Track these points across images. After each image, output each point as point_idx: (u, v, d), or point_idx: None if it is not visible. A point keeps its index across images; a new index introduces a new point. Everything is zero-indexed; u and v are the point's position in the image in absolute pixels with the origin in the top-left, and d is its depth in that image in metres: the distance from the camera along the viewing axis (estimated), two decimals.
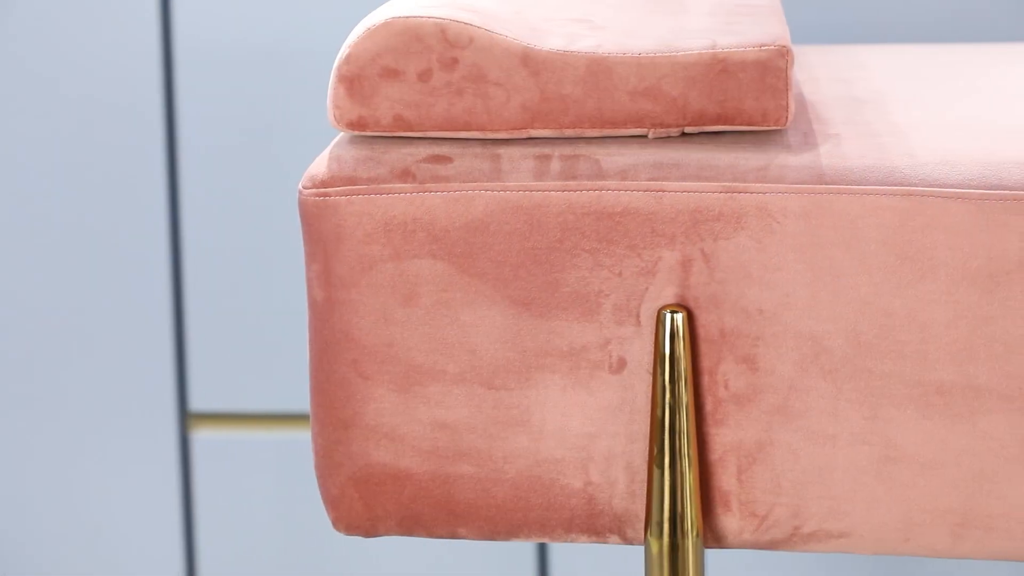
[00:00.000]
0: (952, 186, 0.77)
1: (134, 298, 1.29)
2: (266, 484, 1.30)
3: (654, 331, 0.79)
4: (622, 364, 0.79)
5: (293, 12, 1.26)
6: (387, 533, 0.83)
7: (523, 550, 1.29)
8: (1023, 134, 0.80)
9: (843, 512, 0.79)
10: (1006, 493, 0.77)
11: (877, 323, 0.77)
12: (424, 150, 0.80)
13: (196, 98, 1.27)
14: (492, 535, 0.82)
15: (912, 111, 0.85)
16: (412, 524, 0.82)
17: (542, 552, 1.29)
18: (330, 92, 0.79)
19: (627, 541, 0.81)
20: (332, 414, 0.82)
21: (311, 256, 0.81)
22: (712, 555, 1.27)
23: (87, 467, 1.31)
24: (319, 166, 0.81)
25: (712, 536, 0.80)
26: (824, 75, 0.94)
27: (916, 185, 0.77)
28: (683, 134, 0.79)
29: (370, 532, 0.83)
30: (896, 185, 0.77)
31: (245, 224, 1.28)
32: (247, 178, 1.27)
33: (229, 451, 1.30)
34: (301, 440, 1.30)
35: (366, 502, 0.82)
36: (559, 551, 1.29)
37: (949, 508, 0.78)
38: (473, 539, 0.82)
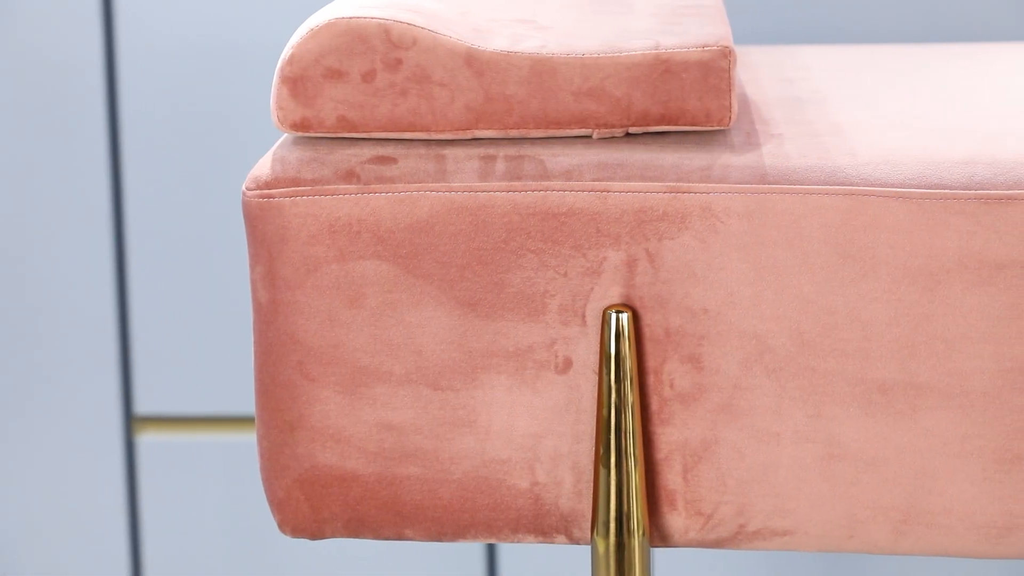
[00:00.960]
0: (893, 185, 0.77)
1: (78, 301, 1.28)
2: (212, 487, 1.30)
3: (600, 331, 0.79)
4: (568, 364, 0.79)
5: (237, 12, 1.25)
6: (333, 535, 0.82)
7: (472, 550, 1.29)
8: (963, 134, 0.81)
9: (787, 510, 0.79)
10: (947, 490, 0.78)
11: (820, 321, 0.78)
12: (368, 151, 0.80)
13: (139, 100, 1.26)
14: (439, 536, 0.82)
15: (854, 111, 0.85)
16: (358, 526, 0.82)
17: (491, 552, 1.29)
18: (273, 93, 0.79)
19: (574, 541, 0.81)
20: (277, 416, 0.81)
21: (255, 258, 0.80)
22: (661, 554, 1.28)
23: (32, 471, 1.29)
24: (263, 167, 0.80)
25: (658, 535, 0.81)
26: (767, 75, 0.94)
27: (858, 185, 0.77)
28: (627, 134, 0.80)
29: (316, 534, 0.82)
30: (838, 185, 0.77)
31: (189, 226, 1.27)
32: (191, 180, 1.26)
33: (175, 454, 1.29)
34: (247, 443, 1.29)
35: (312, 504, 0.81)
36: (508, 551, 1.29)
37: (892, 505, 0.79)
38: (420, 540, 0.82)
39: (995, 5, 1.22)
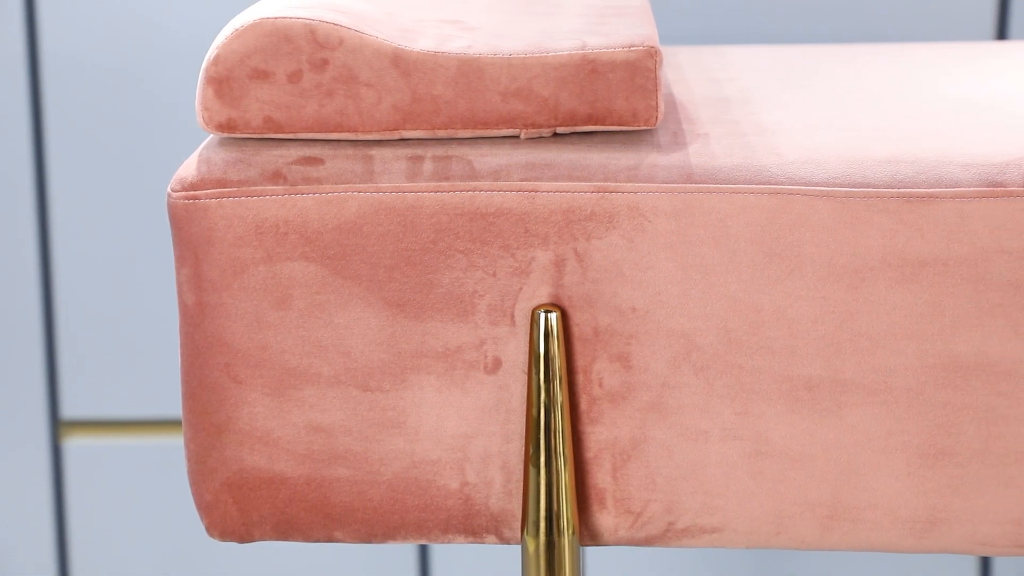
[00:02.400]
0: (818, 184, 0.78)
1: (2, 305, 1.26)
2: (140, 491, 1.29)
3: (529, 331, 0.79)
4: (497, 364, 0.79)
5: (162, 12, 1.24)
6: (262, 538, 0.82)
7: (405, 550, 1.29)
8: (886, 133, 0.82)
9: (716, 507, 0.80)
10: (872, 485, 0.79)
11: (746, 320, 0.78)
12: (295, 152, 0.79)
13: (64, 101, 1.24)
14: (369, 538, 0.82)
15: (779, 111, 0.86)
16: (287, 528, 0.81)
17: (423, 553, 1.29)
18: (198, 94, 0.78)
19: (504, 541, 0.81)
20: (205, 419, 0.81)
21: (181, 260, 0.80)
22: (594, 553, 1.28)
23: None
24: (188, 169, 0.80)
25: (588, 534, 0.81)
26: (694, 75, 0.95)
27: (783, 184, 0.78)
28: (555, 134, 0.80)
29: (245, 538, 0.82)
30: (764, 184, 0.78)
31: (115, 229, 1.26)
32: (117, 182, 1.25)
33: (102, 458, 1.28)
34: (174, 446, 1.28)
35: (240, 507, 0.81)
36: (441, 551, 1.29)
37: (818, 501, 0.79)
38: (349, 542, 0.82)
39: (917, 6, 1.23)
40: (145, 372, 1.27)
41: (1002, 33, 1.24)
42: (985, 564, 1.29)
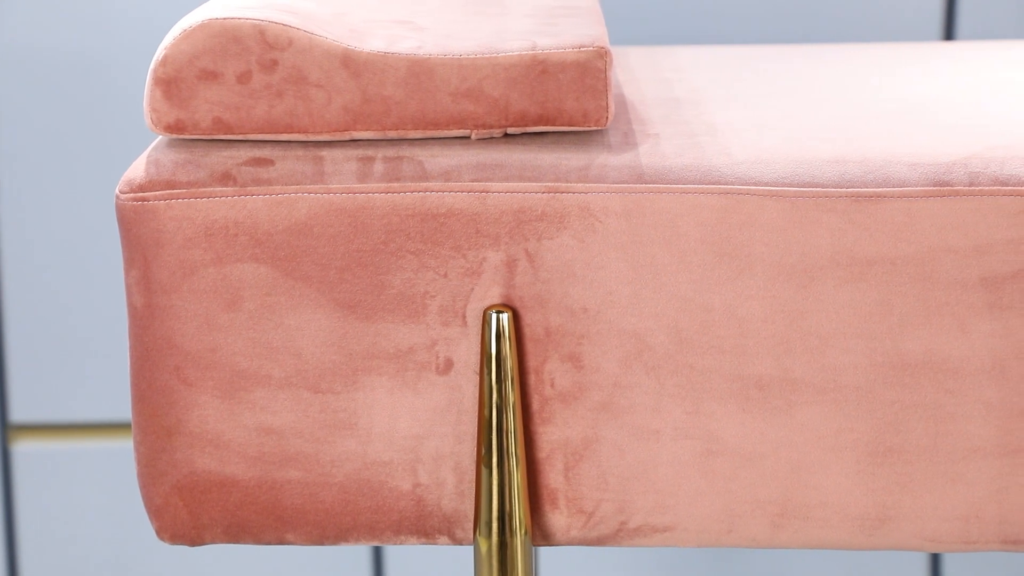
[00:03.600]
0: (767, 184, 0.78)
1: None
2: (89, 495, 1.28)
3: (480, 331, 0.79)
4: (449, 365, 0.79)
5: (110, 13, 1.23)
6: (213, 541, 0.81)
7: (358, 552, 1.29)
8: (835, 133, 0.82)
9: (667, 506, 0.80)
10: (822, 483, 0.80)
11: (697, 319, 0.79)
12: (245, 153, 0.79)
13: (11, 102, 1.23)
14: (321, 540, 0.81)
15: (729, 111, 0.86)
16: (239, 531, 0.81)
17: (377, 554, 1.29)
18: (147, 95, 0.78)
19: (456, 541, 0.81)
20: (155, 422, 0.80)
21: (130, 262, 0.79)
22: (549, 552, 1.28)
23: None
24: (136, 170, 0.79)
25: (540, 534, 0.81)
26: (644, 76, 0.95)
27: (733, 184, 0.78)
28: (505, 135, 0.80)
29: (196, 541, 0.81)
30: (713, 184, 0.78)
31: (63, 230, 1.25)
32: (65, 183, 1.24)
33: (51, 462, 1.27)
34: (124, 449, 1.27)
35: (191, 510, 0.81)
36: (394, 552, 1.28)
37: (769, 499, 0.80)
38: (301, 544, 0.81)
39: (866, 7, 1.24)
40: (94, 375, 1.26)
41: (949, 34, 1.25)
42: (935, 560, 1.30)
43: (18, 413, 1.26)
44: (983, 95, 0.89)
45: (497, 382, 0.79)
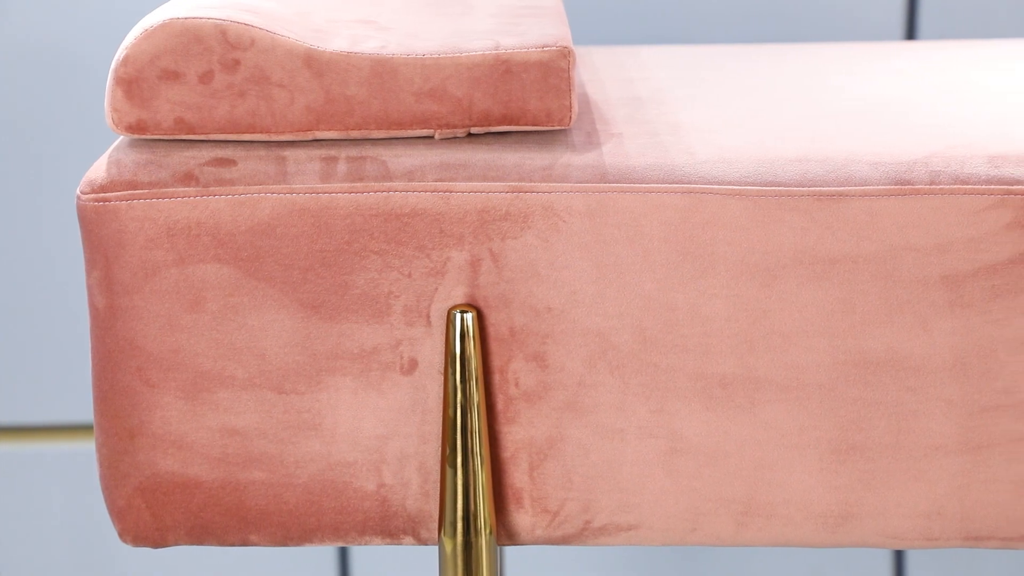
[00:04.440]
0: (730, 183, 0.79)
1: None
2: (51, 497, 1.27)
3: (444, 331, 0.79)
4: (413, 365, 0.79)
5: (71, 12, 1.22)
6: (176, 543, 0.81)
7: (325, 552, 1.28)
8: (797, 132, 0.83)
9: (632, 505, 0.80)
10: (785, 481, 0.80)
11: (661, 318, 0.79)
12: (207, 153, 0.79)
13: None
14: (285, 541, 0.81)
15: (692, 110, 0.87)
16: (202, 533, 0.81)
17: (343, 554, 1.29)
18: (107, 95, 0.77)
19: (421, 542, 0.81)
20: (117, 423, 0.80)
21: (91, 263, 0.79)
22: (515, 552, 1.28)
23: None
24: (98, 171, 0.79)
25: (505, 534, 0.81)
26: (607, 75, 0.95)
27: (696, 183, 0.79)
28: (469, 135, 0.80)
29: (159, 543, 0.81)
30: (677, 183, 0.79)
31: (24, 231, 1.24)
32: (25, 184, 1.23)
33: (12, 465, 1.26)
34: (86, 451, 1.26)
35: (154, 512, 0.80)
36: (361, 553, 1.28)
37: (733, 497, 0.80)
38: (265, 546, 0.81)
39: (828, 6, 1.25)
40: (56, 377, 1.26)
41: (911, 33, 1.26)
42: (898, 557, 1.30)
43: None
44: (944, 94, 0.90)
45: (461, 382, 0.78)
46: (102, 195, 0.78)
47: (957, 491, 0.80)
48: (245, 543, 0.81)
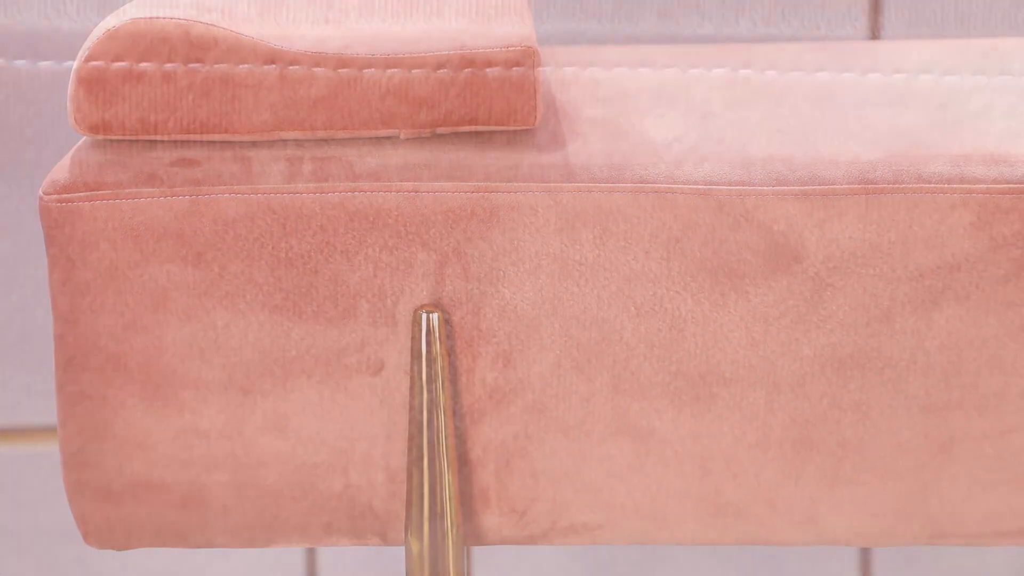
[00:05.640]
0: (697, 183, 0.79)
1: None
2: (15, 500, 1.26)
3: (411, 332, 0.79)
4: (379, 366, 0.79)
5: (33, 11, 1.22)
6: (141, 545, 0.81)
7: (293, 553, 1.28)
8: (761, 132, 0.83)
9: (599, 504, 0.80)
10: (752, 480, 0.80)
11: (627, 318, 0.79)
12: (171, 153, 0.78)
13: None
14: (250, 542, 0.81)
15: (657, 110, 0.87)
16: (167, 535, 0.80)
17: (311, 555, 1.28)
18: (70, 95, 0.77)
19: (388, 542, 0.81)
20: (81, 426, 0.79)
21: (54, 264, 0.78)
22: (485, 551, 1.28)
23: None
24: (61, 171, 0.78)
25: (472, 534, 0.81)
26: (573, 76, 0.95)
27: (661, 182, 0.79)
28: (435, 134, 0.80)
29: (123, 545, 0.81)
30: (642, 183, 0.79)
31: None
32: None
33: None
34: (49, 454, 1.26)
35: (119, 515, 0.80)
36: (328, 553, 1.28)
37: (700, 496, 0.80)
38: (231, 547, 0.81)
39: (793, 6, 1.25)
40: (18, 378, 1.25)
41: (875, 33, 1.26)
42: (865, 555, 1.31)
43: None
44: (908, 94, 0.90)
45: (428, 382, 0.78)
46: (65, 196, 0.78)
47: (922, 489, 0.80)
48: (210, 544, 0.81)
